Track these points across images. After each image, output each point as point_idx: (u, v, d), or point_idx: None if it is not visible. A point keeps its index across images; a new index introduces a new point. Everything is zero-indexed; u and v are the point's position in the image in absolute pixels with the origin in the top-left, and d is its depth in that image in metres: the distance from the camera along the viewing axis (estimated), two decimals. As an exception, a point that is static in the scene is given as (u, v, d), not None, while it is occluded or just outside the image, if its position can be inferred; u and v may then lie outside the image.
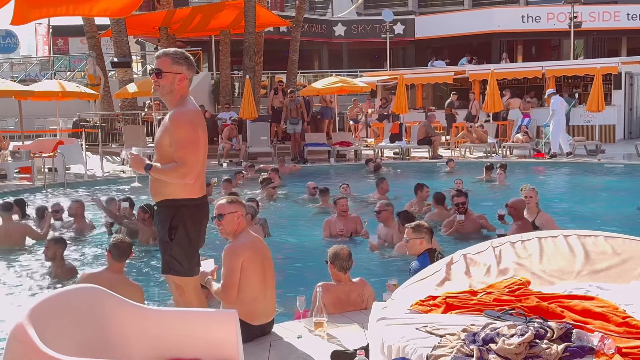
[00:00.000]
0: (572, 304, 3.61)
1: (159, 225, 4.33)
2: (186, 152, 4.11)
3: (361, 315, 5.15)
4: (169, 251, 4.26)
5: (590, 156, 17.99)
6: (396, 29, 33.24)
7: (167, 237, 4.23)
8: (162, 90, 4.21)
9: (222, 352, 3.27)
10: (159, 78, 4.18)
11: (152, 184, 4.31)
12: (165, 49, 4.34)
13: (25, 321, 2.79)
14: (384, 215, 8.31)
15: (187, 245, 4.27)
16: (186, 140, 4.12)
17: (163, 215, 4.28)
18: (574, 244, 4.48)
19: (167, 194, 4.24)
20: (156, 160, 4.29)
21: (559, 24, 30.80)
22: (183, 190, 4.22)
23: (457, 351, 3.11)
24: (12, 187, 14.68)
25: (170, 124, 4.16)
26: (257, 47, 23.36)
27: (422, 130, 18.95)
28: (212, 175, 13.17)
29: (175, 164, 4.11)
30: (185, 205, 4.24)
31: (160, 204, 4.32)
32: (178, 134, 4.12)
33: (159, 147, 4.27)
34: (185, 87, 4.26)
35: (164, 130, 4.22)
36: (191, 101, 4.31)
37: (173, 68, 4.18)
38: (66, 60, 33.78)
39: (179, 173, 4.11)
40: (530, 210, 8.19)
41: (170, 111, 4.28)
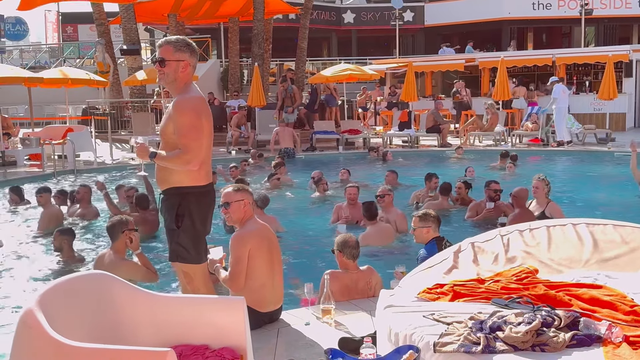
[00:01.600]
0: (580, 293, 3.61)
1: (165, 213, 4.31)
2: (189, 139, 4.10)
3: (368, 302, 5.17)
4: (175, 239, 4.25)
5: (600, 144, 17.88)
6: (406, 16, 33.06)
7: (173, 225, 4.22)
8: (166, 79, 4.21)
9: (230, 339, 3.28)
10: (162, 67, 4.18)
11: (158, 172, 4.31)
12: (167, 37, 4.34)
13: (34, 307, 2.82)
14: (387, 199, 8.31)
15: (193, 232, 4.26)
16: (189, 127, 4.12)
17: (169, 203, 4.27)
18: (582, 233, 4.48)
19: (173, 181, 4.24)
20: (161, 148, 4.30)
21: (569, 11, 30.52)
22: (189, 177, 4.21)
23: (464, 339, 3.11)
24: (22, 173, 14.76)
25: (174, 111, 4.16)
26: (266, 34, 23.30)
27: (430, 118, 18.90)
28: (218, 164, 13.21)
29: (179, 151, 4.11)
30: (191, 193, 4.23)
31: (166, 192, 4.31)
32: (181, 121, 4.12)
33: (163, 135, 4.29)
34: (189, 74, 4.25)
35: (168, 117, 4.23)
36: (195, 88, 4.30)
37: (176, 56, 4.17)
38: (75, 47, 33.86)
39: (182, 160, 4.10)
40: (539, 200, 8.14)
41: (174, 98, 4.28)
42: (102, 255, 6.13)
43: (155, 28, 32.87)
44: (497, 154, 14.37)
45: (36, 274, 7.03)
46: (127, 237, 5.94)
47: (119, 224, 5.98)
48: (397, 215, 8.27)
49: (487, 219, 8.62)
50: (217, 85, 25.90)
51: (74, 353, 2.68)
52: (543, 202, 8.12)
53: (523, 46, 33.64)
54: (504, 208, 8.71)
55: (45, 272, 7.01)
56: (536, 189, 8.16)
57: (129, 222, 6.04)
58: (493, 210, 8.64)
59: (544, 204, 8.10)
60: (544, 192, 8.11)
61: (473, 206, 9.09)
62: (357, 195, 9.02)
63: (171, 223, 4.24)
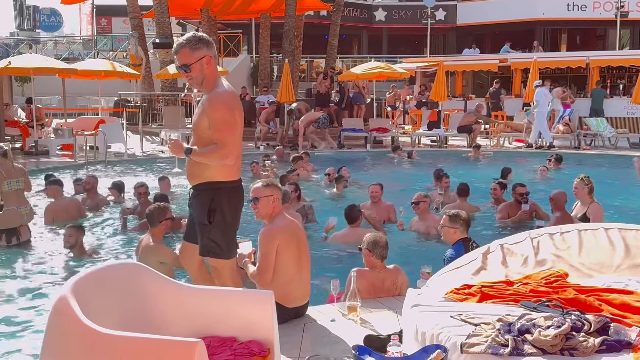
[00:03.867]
0: (610, 298, 3.57)
1: (197, 208, 4.31)
2: (225, 134, 4.11)
3: (394, 301, 5.16)
4: (207, 234, 4.25)
5: (633, 149, 17.62)
6: (437, 15, 32.85)
7: (205, 219, 4.22)
8: (196, 81, 4.20)
9: (257, 332, 3.31)
10: (188, 72, 4.16)
11: (191, 168, 4.30)
12: (179, 41, 4.25)
13: (68, 294, 2.87)
14: (422, 206, 8.27)
15: (224, 227, 4.28)
16: (224, 122, 4.13)
17: (202, 198, 4.27)
18: (614, 238, 4.42)
19: (206, 176, 4.24)
20: (193, 143, 4.29)
21: (605, 13, 30.05)
22: (222, 172, 4.23)
23: (492, 340, 3.10)
24: (54, 163, 14.99)
25: (208, 107, 4.16)
26: (297, 30, 23.34)
27: (470, 117, 18.64)
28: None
29: (215, 146, 4.11)
30: (223, 188, 4.25)
31: (198, 187, 4.31)
32: (216, 116, 4.12)
33: (197, 130, 4.28)
34: (213, 67, 4.23)
35: (202, 113, 4.22)
36: (225, 82, 4.31)
37: (195, 55, 4.13)
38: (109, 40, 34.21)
39: (219, 154, 4.10)
40: (582, 201, 8.01)
41: (206, 94, 4.28)
42: (142, 239, 6.45)
43: (187, 22, 33.08)
44: (525, 156, 14.21)
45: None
46: (165, 225, 6.26)
47: (157, 212, 6.25)
48: (434, 221, 8.18)
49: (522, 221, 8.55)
50: (247, 81, 26.02)
51: (105, 340, 2.72)
52: (586, 203, 7.98)
53: (557, 47, 33.22)
54: (534, 209, 8.65)
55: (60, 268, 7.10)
56: (576, 190, 8.04)
57: (167, 212, 6.30)
58: (530, 213, 8.60)
59: (587, 204, 7.96)
60: (585, 192, 7.95)
61: (503, 207, 8.99)
62: (380, 193, 8.97)
63: (203, 218, 4.24)
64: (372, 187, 8.97)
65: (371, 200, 8.94)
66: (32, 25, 39.78)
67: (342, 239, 7.82)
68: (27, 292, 6.35)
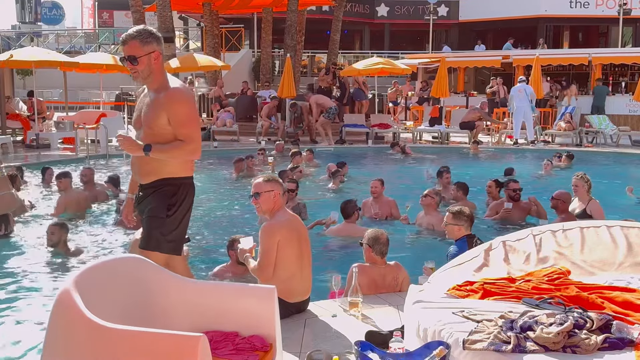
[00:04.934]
0: (612, 295, 3.57)
1: (153, 202, 4.19)
2: (192, 129, 4.09)
3: (396, 297, 5.17)
4: (158, 227, 4.16)
5: (635, 146, 17.61)
6: (440, 10, 32.81)
7: (163, 213, 4.14)
8: (142, 75, 4.09)
9: (259, 327, 3.31)
10: (134, 65, 4.05)
11: (147, 165, 4.17)
12: (129, 32, 4.11)
13: (71, 287, 2.87)
14: (428, 200, 8.24)
15: (180, 223, 4.23)
16: (190, 118, 4.10)
17: (162, 192, 4.19)
18: (616, 235, 4.41)
19: (166, 172, 4.17)
20: (146, 139, 4.12)
21: (607, 10, 30.03)
22: (184, 168, 4.20)
23: (494, 337, 3.10)
24: (56, 157, 15.00)
25: (171, 103, 4.06)
26: (299, 25, 23.28)
27: (474, 114, 18.63)
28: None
29: (181, 142, 4.05)
30: (185, 184, 4.23)
31: (156, 184, 4.20)
32: (181, 112, 4.06)
33: (153, 127, 4.11)
34: (161, 63, 4.15)
35: (158, 108, 4.09)
36: (174, 78, 4.26)
37: (145, 49, 4.04)
38: (111, 33, 34.18)
39: (188, 150, 4.08)
40: (581, 198, 8.04)
41: (152, 90, 4.17)
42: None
43: (189, 16, 33.05)
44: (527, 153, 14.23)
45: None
46: None
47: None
48: (438, 219, 8.18)
49: (507, 220, 8.49)
50: (248, 75, 26.00)
51: (108, 334, 2.73)
52: (585, 200, 8.01)
53: (559, 44, 33.16)
54: (523, 208, 8.59)
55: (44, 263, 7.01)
56: (576, 187, 8.07)
57: None
58: (512, 210, 8.50)
59: (585, 202, 7.99)
60: (585, 189, 7.99)
61: (493, 206, 8.93)
62: (381, 188, 8.97)
63: (161, 211, 4.15)
64: (373, 183, 8.98)
65: (372, 196, 8.94)
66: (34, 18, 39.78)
67: (336, 233, 7.88)
68: (18, 284, 6.33)
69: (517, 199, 8.58)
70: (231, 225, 8.99)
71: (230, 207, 10.30)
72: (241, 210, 9.71)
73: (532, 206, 8.67)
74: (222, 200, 10.90)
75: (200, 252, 7.66)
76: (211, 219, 9.50)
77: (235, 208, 10.15)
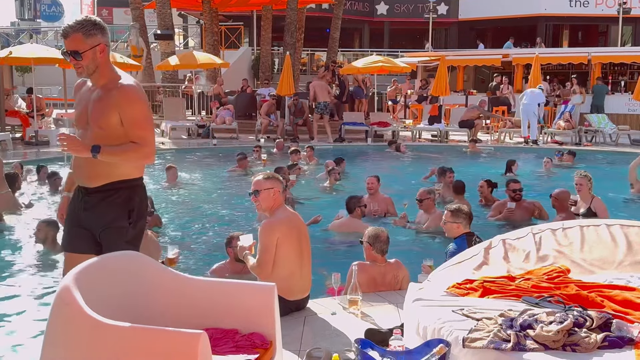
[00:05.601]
0: (612, 294, 3.57)
1: (110, 211, 3.78)
2: (148, 131, 3.74)
3: (395, 295, 5.17)
4: (124, 237, 3.77)
5: (634, 145, 17.61)
6: (440, 9, 32.80)
7: (125, 221, 3.78)
8: (87, 71, 3.73)
9: (259, 324, 3.31)
10: (78, 60, 3.68)
11: (94, 167, 3.74)
12: (70, 24, 3.71)
13: (71, 284, 2.87)
14: (425, 203, 8.25)
15: (140, 228, 3.91)
16: (146, 118, 3.75)
17: (116, 198, 3.79)
18: (616, 234, 4.42)
19: (118, 174, 3.78)
20: (94, 140, 3.70)
21: (607, 9, 30.05)
22: (137, 169, 3.87)
23: (494, 335, 3.10)
24: (54, 153, 14.94)
25: (125, 101, 3.69)
26: (299, 23, 23.28)
27: (473, 112, 18.63)
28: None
29: (135, 144, 3.68)
30: (138, 185, 3.90)
31: (107, 188, 3.79)
32: (137, 112, 3.70)
33: (103, 127, 3.72)
34: (107, 55, 3.76)
35: (110, 107, 3.70)
36: (124, 73, 3.89)
37: (89, 42, 3.66)
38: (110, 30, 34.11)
39: (142, 154, 3.73)
40: (583, 197, 8.01)
41: (99, 86, 3.80)
42: None
43: (189, 14, 33.04)
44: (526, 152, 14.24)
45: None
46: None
47: None
48: (437, 215, 8.18)
49: (511, 220, 8.47)
50: (248, 73, 25.99)
51: (109, 331, 2.72)
52: (588, 199, 7.98)
53: (559, 43, 33.16)
54: (526, 205, 8.56)
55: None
56: (580, 186, 8.03)
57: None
58: (515, 211, 8.48)
59: (588, 200, 7.96)
60: (588, 188, 7.97)
61: (496, 206, 8.90)
62: (377, 185, 8.96)
63: (122, 219, 3.78)
64: (369, 179, 8.98)
65: (368, 193, 8.94)
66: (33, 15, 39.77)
67: (338, 228, 7.93)
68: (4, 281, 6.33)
69: (517, 199, 8.51)
70: (230, 223, 8.99)
71: (230, 204, 10.29)
72: (240, 207, 9.70)
73: (535, 208, 8.63)
74: (221, 197, 10.90)
75: (199, 249, 7.66)
76: (210, 216, 9.51)
77: (234, 205, 10.15)
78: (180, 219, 9.17)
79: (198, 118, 20.17)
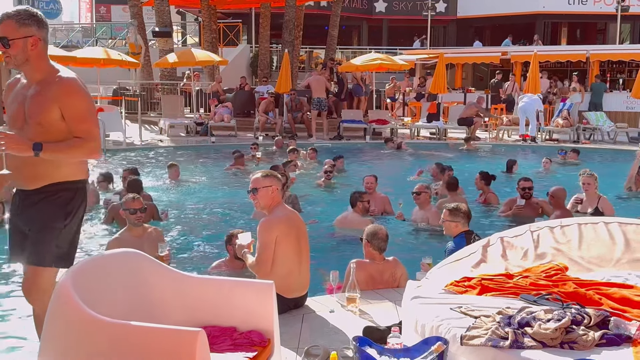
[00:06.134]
0: (610, 292, 3.58)
1: (46, 210, 3.58)
2: (92, 125, 3.56)
3: (393, 292, 5.18)
4: (55, 239, 3.57)
5: (632, 143, 17.62)
6: (438, 6, 32.76)
7: (61, 222, 3.58)
8: (15, 62, 3.54)
9: (258, 322, 3.31)
10: (6, 48, 3.48)
11: (34, 167, 3.54)
12: (7, 11, 3.55)
13: (68, 282, 2.87)
14: (423, 197, 8.26)
15: (75, 232, 3.71)
16: (90, 112, 3.58)
17: (55, 199, 3.59)
18: (614, 232, 4.43)
19: (60, 176, 3.58)
20: (32, 139, 3.45)
21: (605, 7, 30.02)
22: (80, 170, 3.67)
23: (492, 333, 3.11)
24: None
25: (66, 95, 3.51)
26: (297, 21, 23.26)
27: (471, 109, 18.63)
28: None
29: (79, 139, 3.50)
30: (80, 188, 3.69)
31: (47, 190, 3.59)
32: (80, 105, 3.53)
33: (43, 123, 3.51)
34: (42, 50, 3.58)
35: (50, 102, 3.50)
36: (62, 67, 3.70)
37: (21, 31, 3.48)
38: (108, 27, 34.11)
39: (88, 149, 3.54)
40: (590, 196, 7.94)
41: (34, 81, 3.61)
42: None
43: (187, 11, 32.96)
44: (525, 149, 14.23)
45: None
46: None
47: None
48: (432, 213, 8.20)
49: (520, 217, 8.46)
50: (246, 71, 25.96)
51: (106, 328, 2.73)
52: (595, 198, 7.92)
53: (557, 41, 33.15)
54: (536, 205, 8.54)
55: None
56: (588, 185, 7.94)
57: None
58: (524, 208, 8.48)
59: (595, 200, 7.90)
60: (595, 187, 7.89)
61: (508, 201, 8.88)
62: (375, 184, 8.96)
63: (58, 221, 3.59)
64: (367, 179, 8.97)
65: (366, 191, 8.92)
66: (31, 13, 39.57)
67: (340, 223, 7.97)
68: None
69: (527, 197, 8.46)
70: (229, 220, 8.98)
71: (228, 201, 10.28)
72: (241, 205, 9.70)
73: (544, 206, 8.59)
74: (219, 195, 10.89)
75: (198, 247, 7.65)
76: (209, 214, 9.49)
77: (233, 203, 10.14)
78: (181, 216, 9.17)
79: (196, 115, 20.15)
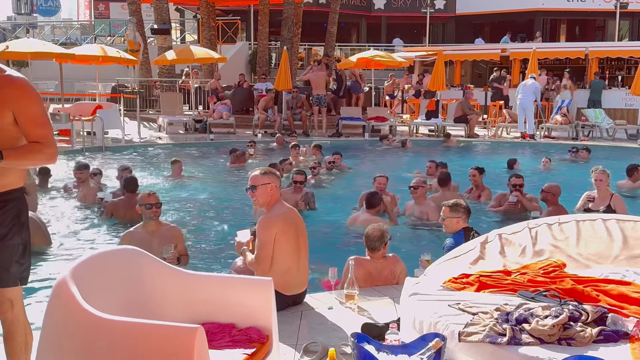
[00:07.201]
0: (608, 288, 3.59)
1: (4, 225, 3.25)
2: (47, 128, 3.31)
3: (392, 289, 5.18)
4: (19, 256, 3.28)
5: (631, 140, 17.65)
6: (437, 3, 32.75)
7: (19, 237, 3.29)
8: None
9: (256, 319, 3.32)
10: None
11: None
12: None
13: (68, 278, 2.87)
14: (420, 191, 8.27)
15: (29, 245, 3.40)
16: (43, 115, 3.30)
17: (10, 210, 3.28)
18: (612, 228, 4.43)
19: (7, 184, 3.27)
20: None
21: (604, 4, 30.00)
22: (21, 177, 3.38)
23: (490, 329, 3.12)
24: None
25: (19, 98, 3.19)
26: (296, 18, 23.25)
27: (458, 108, 18.74)
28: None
29: (38, 144, 3.23)
30: (23, 197, 3.41)
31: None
32: (33, 108, 3.23)
33: None
34: None
35: (1, 104, 3.16)
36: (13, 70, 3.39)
37: None
38: (107, 25, 34.09)
39: (48, 154, 3.28)
40: (602, 193, 7.78)
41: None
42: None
43: (185, 8, 32.95)
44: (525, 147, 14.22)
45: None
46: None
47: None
48: (429, 207, 8.21)
49: (511, 213, 8.46)
50: (245, 68, 25.94)
51: (105, 325, 2.73)
52: (607, 196, 7.77)
53: (556, 38, 33.15)
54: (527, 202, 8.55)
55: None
56: (600, 182, 7.77)
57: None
58: (515, 204, 8.47)
59: (607, 197, 7.75)
60: (607, 183, 7.74)
61: (497, 196, 8.91)
62: (386, 184, 8.95)
63: (16, 236, 3.28)
64: (379, 179, 8.80)
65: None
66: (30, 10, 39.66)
67: (353, 222, 7.99)
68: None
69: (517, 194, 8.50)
70: (229, 217, 8.99)
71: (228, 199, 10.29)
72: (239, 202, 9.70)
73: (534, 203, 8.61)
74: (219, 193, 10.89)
75: (199, 244, 7.66)
76: (209, 212, 9.50)
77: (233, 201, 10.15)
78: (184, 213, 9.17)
79: (195, 113, 20.15)
